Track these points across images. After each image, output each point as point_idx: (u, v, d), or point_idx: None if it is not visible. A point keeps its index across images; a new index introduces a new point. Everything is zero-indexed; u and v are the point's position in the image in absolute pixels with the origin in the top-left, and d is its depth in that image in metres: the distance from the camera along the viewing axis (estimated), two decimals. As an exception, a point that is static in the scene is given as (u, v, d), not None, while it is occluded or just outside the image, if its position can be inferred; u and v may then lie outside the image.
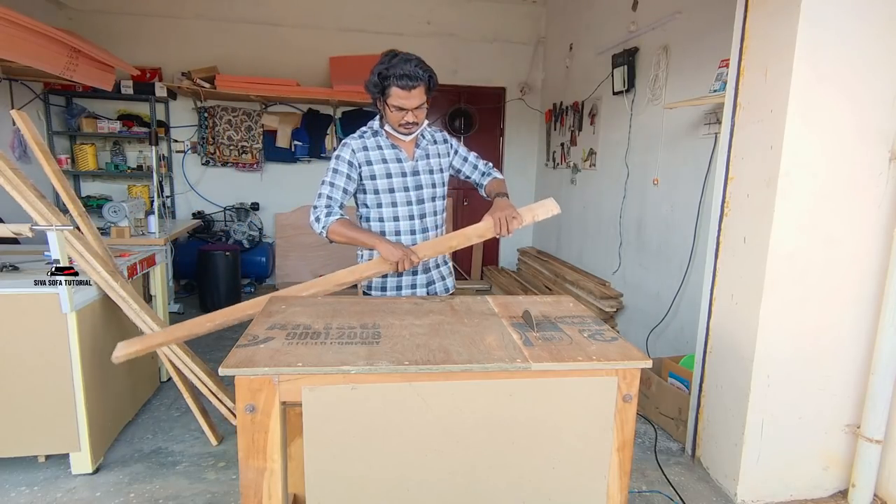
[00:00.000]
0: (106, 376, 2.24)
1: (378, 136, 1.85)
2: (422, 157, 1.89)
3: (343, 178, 1.80)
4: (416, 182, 1.88)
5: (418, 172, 1.88)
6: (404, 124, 1.76)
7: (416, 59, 1.68)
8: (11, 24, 2.52)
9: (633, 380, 1.29)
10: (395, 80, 1.65)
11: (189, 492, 2.04)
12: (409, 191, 1.87)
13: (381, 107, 1.77)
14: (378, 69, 1.68)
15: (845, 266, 2.00)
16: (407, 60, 1.66)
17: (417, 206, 1.88)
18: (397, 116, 1.74)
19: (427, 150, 1.91)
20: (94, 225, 2.22)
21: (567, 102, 4.76)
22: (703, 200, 2.83)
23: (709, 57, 2.77)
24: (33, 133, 2.01)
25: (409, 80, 1.65)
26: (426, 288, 1.96)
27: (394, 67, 1.64)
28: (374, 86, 1.70)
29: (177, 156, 5.11)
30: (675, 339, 3.14)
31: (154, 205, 3.48)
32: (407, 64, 1.65)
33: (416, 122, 1.77)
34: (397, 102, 1.70)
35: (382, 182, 1.84)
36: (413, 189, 1.87)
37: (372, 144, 1.83)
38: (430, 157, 1.91)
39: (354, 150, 1.82)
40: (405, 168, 1.85)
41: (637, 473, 2.25)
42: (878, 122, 1.92)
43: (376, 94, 1.73)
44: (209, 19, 4.95)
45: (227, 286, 4.44)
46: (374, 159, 1.83)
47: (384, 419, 1.21)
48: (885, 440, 2.02)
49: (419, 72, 1.66)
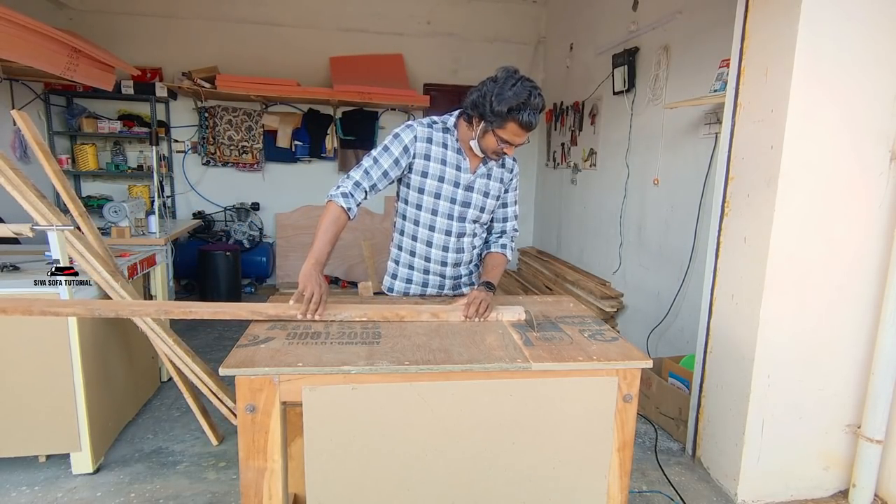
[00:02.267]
0: (106, 376, 2.25)
1: (448, 134, 1.66)
2: (482, 176, 1.69)
3: (391, 160, 1.61)
4: (466, 198, 1.68)
5: (472, 189, 1.68)
6: (498, 153, 1.58)
7: (540, 94, 1.48)
8: (12, 24, 2.52)
9: (634, 380, 1.29)
10: (521, 118, 1.46)
11: (189, 492, 2.04)
12: (455, 205, 1.68)
13: (476, 123, 1.55)
14: (507, 100, 1.45)
15: (846, 266, 2.00)
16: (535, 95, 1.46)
17: (458, 223, 1.70)
18: (499, 147, 1.54)
19: (491, 170, 1.71)
20: (94, 225, 2.22)
21: (567, 102, 4.76)
22: (704, 200, 2.83)
23: (709, 57, 2.77)
24: (34, 133, 2.01)
25: (535, 121, 1.48)
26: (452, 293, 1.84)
27: (525, 105, 1.45)
28: (492, 112, 1.47)
29: (177, 156, 5.11)
30: (676, 340, 3.14)
31: (154, 205, 3.47)
32: (536, 98, 1.46)
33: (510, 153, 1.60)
34: (509, 137, 1.51)
35: (432, 184, 1.65)
36: (460, 204, 1.68)
37: (438, 139, 1.64)
38: (490, 179, 1.71)
39: (417, 137, 1.62)
40: (461, 179, 1.66)
41: (637, 473, 2.25)
42: (878, 122, 1.92)
43: (490, 118, 1.49)
44: (209, 19, 4.95)
45: (227, 286, 4.44)
46: (434, 156, 1.64)
47: (384, 419, 1.21)
48: (886, 440, 2.02)
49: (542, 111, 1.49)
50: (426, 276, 1.78)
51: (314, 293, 1.43)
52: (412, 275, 1.79)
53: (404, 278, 1.80)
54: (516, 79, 1.48)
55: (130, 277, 2.43)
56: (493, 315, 1.56)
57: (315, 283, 1.45)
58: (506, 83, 1.47)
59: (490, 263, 1.76)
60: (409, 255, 1.77)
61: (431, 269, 1.76)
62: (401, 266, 1.81)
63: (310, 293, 1.43)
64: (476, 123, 1.56)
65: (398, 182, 1.71)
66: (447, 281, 1.79)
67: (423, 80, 5.40)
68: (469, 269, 1.84)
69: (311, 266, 1.48)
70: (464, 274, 1.83)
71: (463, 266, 1.80)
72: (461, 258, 1.76)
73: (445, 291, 1.81)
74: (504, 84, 1.47)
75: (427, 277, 1.78)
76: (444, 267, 1.75)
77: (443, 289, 1.80)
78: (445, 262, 1.74)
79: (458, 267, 1.79)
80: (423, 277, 1.78)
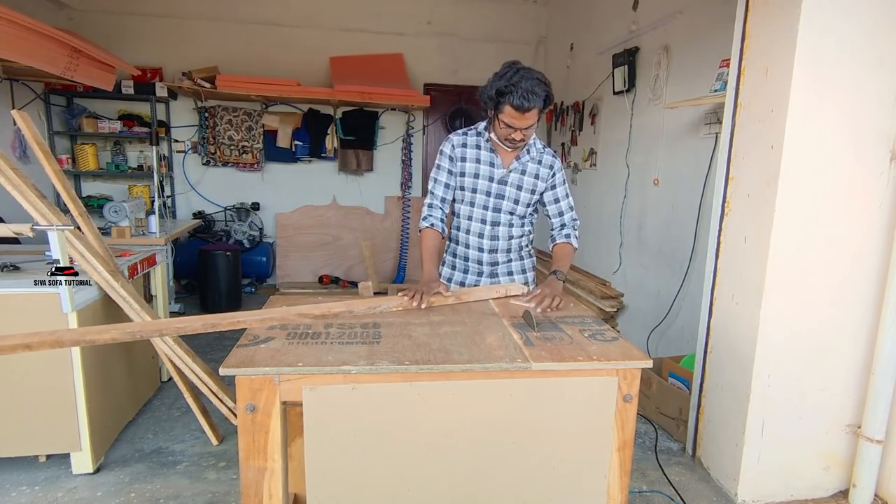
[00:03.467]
0: (107, 376, 2.25)
1: (480, 137, 1.87)
2: (515, 171, 1.86)
3: (445, 172, 1.89)
4: (500, 192, 1.87)
5: (505, 183, 1.86)
6: (510, 140, 1.74)
7: (536, 80, 1.61)
8: (12, 23, 2.52)
9: (634, 380, 1.29)
10: (511, 100, 1.61)
11: (190, 491, 2.04)
12: (490, 197, 1.87)
13: (490, 116, 1.76)
14: (497, 85, 1.64)
15: (846, 266, 2.00)
16: (528, 79, 1.60)
17: (493, 213, 1.88)
18: (505, 132, 1.72)
19: (525, 166, 1.87)
20: (94, 225, 2.22)
21: (568, 102, 4.76)
22: (704, 200, 2.83)
23: (709, 57, 2.77)
24: (34, 133, 2.01)
25: (526, 102, 1.60)
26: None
27: (514, 87, 1.59)
28: (490, 99, 1.68)
29: (177, 156, 5.11)
30: (676, 339, 3.14)
31: (154, 205, 3.48)
32: (527, 82, 1.59)
33: (524, 139, 1.75)
34: (508, 121, 1.67)
35: (469, 181, 1.88)
36: (493, 197, 1.87)
37: (472, 143, 1.87)
38: (524, 174, 1.86)
39: (455, 145, 1.88)
40: (494, 174, 1.85)
41: (637, 473, 2.25)
42: (878, 122, 1.92)
43: (490, 105, 1.70)
44: (209, 19, 4.95)
45: (227, 286, 4.44)
46: (469, 157, 1.86)
47: (384, 419, 1.21)
48: (886, 440, 2.02)
49: (536, 96, 1.61)
50: (466, 262, 1.98)
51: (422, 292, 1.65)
52: (456, 262, 2.02)
53: (451, 265, 2.04)
54: (514, 69, 1.65)
55: (130, 277, 2.43)
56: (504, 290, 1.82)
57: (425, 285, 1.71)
58: (502, 72, 1.67)
59: (558, 254, 1.93)
60: (455, 245, 2.01)
61: (470, 256, 1.96)
62: (448, 255, 2.06)
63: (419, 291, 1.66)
64: (490, 116, 1.77)
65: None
66: (484, 267, 1.96)
67: (423, 80, 5.40)
68: (508, 258, 1.98)
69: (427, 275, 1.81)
70: (501, 262, 1.97)
71: (500, 254, 1.95)
72: (496, 245, 1.93)
73: (483, 279, 1.99)
74: (501, 73, 1.67)
75: (467, 264, 1.98)
76: (481, 253, 1.94)
77: (481, 276, 1.98)
78: (482, 249, 1.93)
79: (495, 254, 1.95)
80: (464, 264, 1.99)
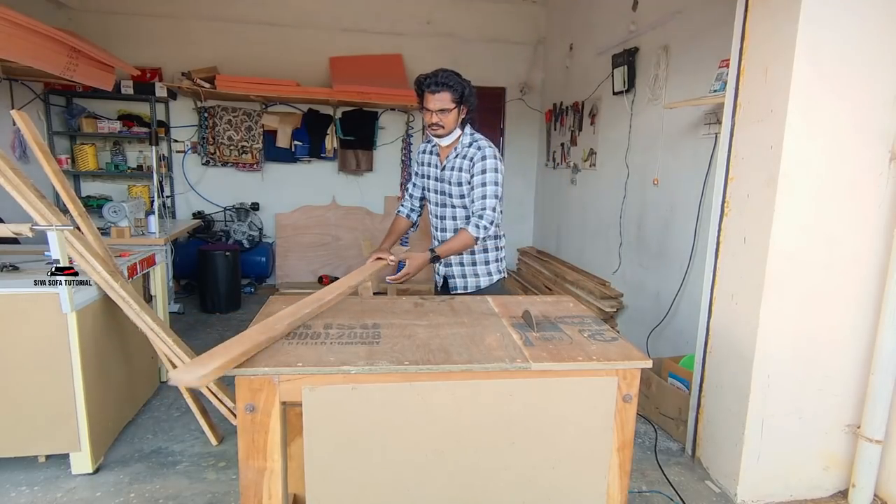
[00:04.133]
0: (106, 376, 2.25)
1: (431, 144, 2.19)
2: (449, 168, 2.09)
3: (416, 176, 2.28)
4: (441, 188, 2.13)
5: (443, 180, 2.12)
6: (429, 125, 2.00)
7: (451, 73, 1.95)
8: (11, 23, 2.52)
9: (634, 380, 1.29)
10: (424, 85, 1.95)
11: (189, 492, 2.04)
12: (438, 194, 2.16)
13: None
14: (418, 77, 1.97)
15: (845, 266, 2.00)
16: (443, 72, 1.94)
17: (440, 208, 2.17)
18: (426, 118, 1.99)
19: (454, 162, 2.08)
20: (94, 225, 2.22)
21: (567, 102, 4.76)
22: (703, 200, 2.83)
23: (709, 57, 2.77)
24: (33, 133, 2.01)
25: (435, 86, 1.92)
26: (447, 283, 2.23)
27: (427, 76, 1.94)
28: (416, 92, 1.99)
29: (177, 156, 5.11)
30: (676, 339, 3.14)
31: (154, 205, 3.48)
32: (442, 75, 1.93)
33: (440, 124, 1.98)
34: (425, 105, 1.97)
35: (424, 181, 2.22)
36: (438, 193, 2.15)
37: (428, 148, 2.21)
38: (454, 170, 2.08)
39: (420, 151, 2.24)
40: (436, 174, 2.15)
41: (637, 473, 2.25)
42: (878, 122, 1.92)
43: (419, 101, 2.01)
44: (209, 19, 4.94)
45: (227, 286, 4.44)
46: (425, 160, 2.21)
47: (384, 419, 1.21)
48: (886, 440, 2.02)
49: (445, 79, 1.92)
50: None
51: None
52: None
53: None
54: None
55: (130, 277, 2.43)
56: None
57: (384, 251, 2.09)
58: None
59: (452, 236, 2.08)
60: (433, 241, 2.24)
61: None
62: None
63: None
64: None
65: None
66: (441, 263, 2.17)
67: (422, 80, 5.39)
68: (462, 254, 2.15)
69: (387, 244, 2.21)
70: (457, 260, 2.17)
71: None
72: (446, 236, 2.15)
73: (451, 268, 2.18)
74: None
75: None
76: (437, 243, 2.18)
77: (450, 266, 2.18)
78: (438, 241, 2.19)
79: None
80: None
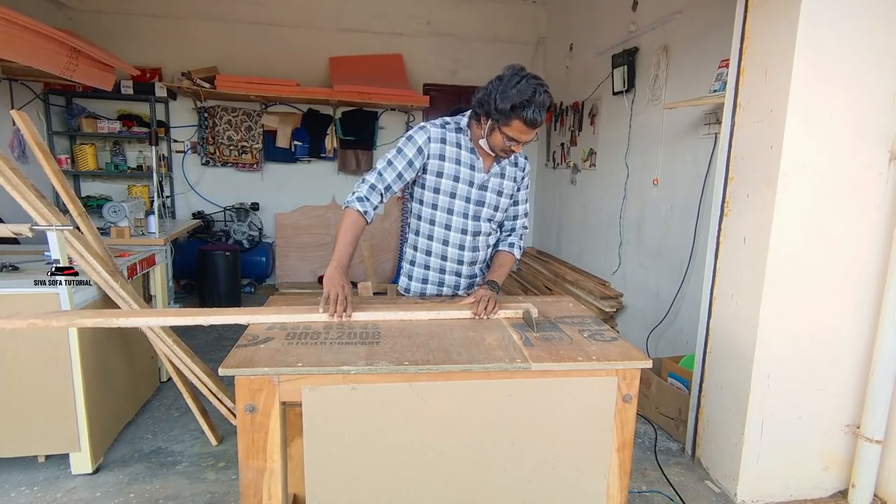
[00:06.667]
0: (106, 376, 2.25)
1: (461, 134, 1.67)
2: (496, 175, 1.71)
3: (404, 162, 1.62)
4: (480, 197, 1.70)
5: (486, 188, 1.70)
6: (508, 151, 1.58)
7: (546, 92, 1.47)
8: (11, 23, 2.51)
9: (633, 380, 1.29)
10: (525, 115, 1.45)
11: (189, 492, 2.04)
12: (471, 203, 1.69)
13: (484, 122, 1.56)
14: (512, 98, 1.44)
15: (845, 266, 2.00)
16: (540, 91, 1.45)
17: (473, 221, 1.71)
18: (503, 144, 1.55)
19: (504, 169, 1.72)
20: (94, 225, 2.22)
21: (567, 102, 4.76)
22: (703, 200, 2.83)
23: (709, 57, 2.77)
24: (33, 133, 2.01)
25: (539, 118, 1.46)
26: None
27: (528, 102, 1.44)
28: (497, 111, 1.48)
29: (177, 156, 5.11)
30: (675, 340, 3.14)
31: (154, 205, 3.47)
32: (540, 96, 1.45)
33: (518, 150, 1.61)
34: (514, 134, 1.50)
35: (447, 183, 1.66)
36: (474, 203, 1.70)
37: (452, 139, 1.66)
38: (503, 178, 1.72)
39: (431, 138, 1.63)
40: (475, 178, 1.68)
41: (637, 473, 2.25)
42: (878, 122, 1.92)
43: (496, 117, 1.50)
44: (209, 19, 4.95)
45: (227, 286, 4.44)
46: (448, 156, 1.65)
47: (384, 419, 1.21)
48: (885, 440, 2.02)
49: (545, 109, 1.48)
50: (442, 275, 1.78)
51: (338, 294, 1.47)
52: (428, 275, 1.79)
53: (420, 278, 1.80)
54: (521, 76, 1.47)
55: (130, 277, 2.43)
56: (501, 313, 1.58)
57: (339, 285, 1.48)
58: (510, 81, 1.47)
59: (497, 262, 1.78)
60: (426, 255, 1.77)
61: (448, 269, 1.76)
62: (416, 266, 1.80)
63: (334, 295, 1.47)
64: (483, 122, 1.57)
65: (411, 183, 1.72)
66: (462, 280, 1.79)
67: (422, 81, 5.40)
68: (483, 270, 1.84)
69: (334, 269, 1.50)
70: (479, 273, 1.83)
71: (478, 265, 1.81)
72: (477, 257, 1.77)
73: (461, 291, 1.81)
74: (509, 82, 1.47)
75: (443, 277, 1.78)
76: (461, 266, 1.76)
77: (458, 288, 1.80)
78: (462, 261, 1.75)
79: (474, 266, 1.79)
80: (439, 277, 1.78)
